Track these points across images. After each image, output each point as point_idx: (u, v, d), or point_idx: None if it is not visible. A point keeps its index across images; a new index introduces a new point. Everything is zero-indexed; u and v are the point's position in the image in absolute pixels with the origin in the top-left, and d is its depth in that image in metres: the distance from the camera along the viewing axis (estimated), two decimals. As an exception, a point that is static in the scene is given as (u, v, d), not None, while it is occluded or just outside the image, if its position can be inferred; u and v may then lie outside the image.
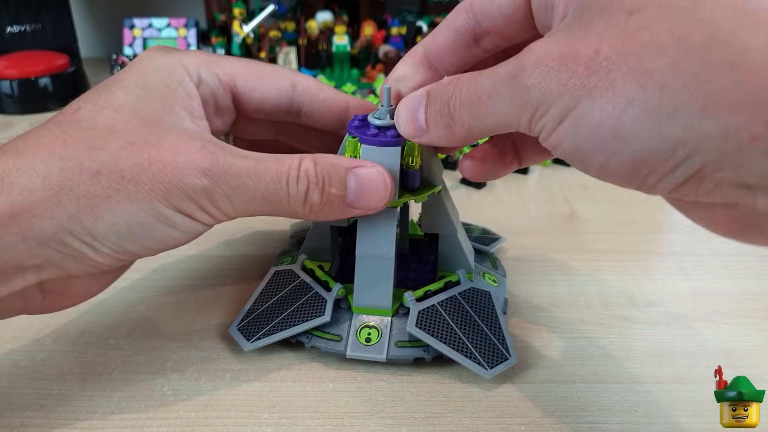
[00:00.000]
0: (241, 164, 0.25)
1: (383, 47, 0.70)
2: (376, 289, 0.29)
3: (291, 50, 0.70)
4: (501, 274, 0.35)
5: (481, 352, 0.28)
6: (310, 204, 0.26)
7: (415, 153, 0.27)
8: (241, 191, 0.25)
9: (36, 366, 0.29)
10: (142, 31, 0.71)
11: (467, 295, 0.30)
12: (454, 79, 0.23)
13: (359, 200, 0.27)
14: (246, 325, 0.30)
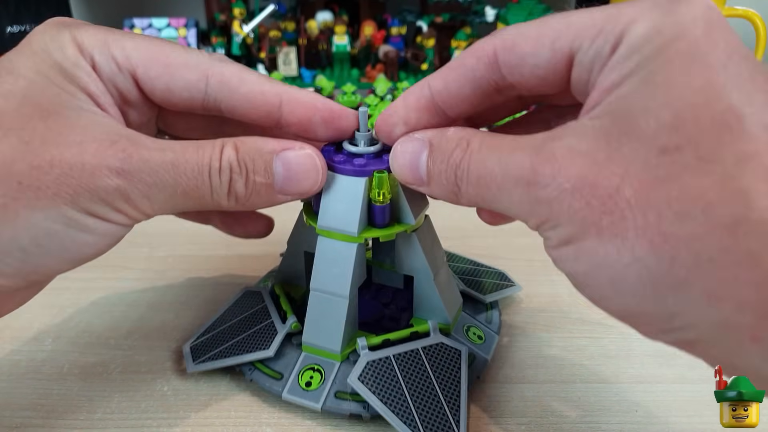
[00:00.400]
0: (158, 158, 0.22)
1: (383, 47, 0.70)
2: (327, 329, 0.27)
3: (291, 50, 0.70)
4: (493, 330, 0.30)
5: (425, 423, 0.24)
6: (235, 195, 0.24)
7: (385, 187, 0.24)
8: (160, 188, 0.22)
9: (36, 366, 0.29)
10: (142, 31, 0.71)
11: (432, 352, 0.27)
12: (462, 142, 0.21)
13: (288, 186, 0.24)
14: (200, 344, 0.29)
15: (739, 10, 0.55)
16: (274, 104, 0.25)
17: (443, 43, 0.72)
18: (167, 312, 0.33)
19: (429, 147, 0.22)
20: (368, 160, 0.25)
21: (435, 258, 0.28)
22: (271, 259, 0.38)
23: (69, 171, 0.21)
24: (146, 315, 0.33)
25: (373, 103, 0.54)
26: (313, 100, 0.26)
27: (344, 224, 0.25)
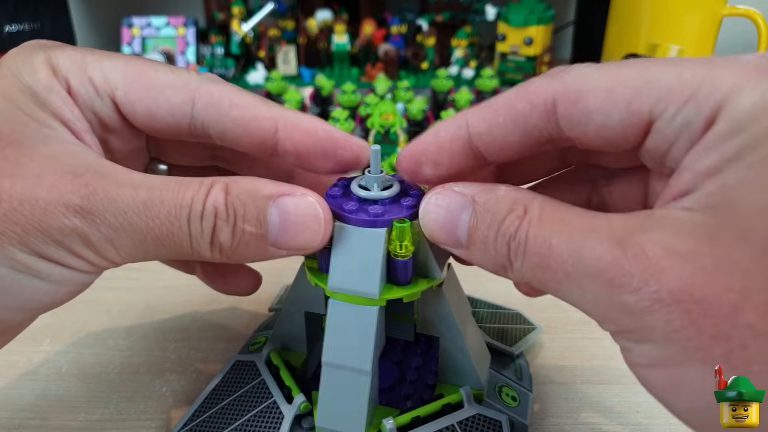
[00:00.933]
0: (128, 197, 0.19)
1: (383, 46, 0.69)
2: (346, 410, 0.22)
3: (290, 49, 0.70)
4: (525, 387, 0.26)
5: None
6: (219, 245, 0.20)
7: (407, 238, 0.20)
8: (128, 233, 0.19)
9: (34, 367, 0.29)
10: (141, 29, 0.70)
11: (470, 426, 0.23)
12: (518, 207, 0.18)
13: (283, 239, 0.20)
14: (200, 423, 0.24)
15: (740, 9, 0.55)
16: (270, 131, 0.22)
17: (443, 42, 0.72)
18: (166, 313, 0.33)
19: (472, 205, 0.19)
20: (386, 207, 0.21)
21: (462, 313, 0.24)
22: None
23: (18, 207, 0.18)
24: (144, 316, 0.33)
25: (372, 102, 0.54)
26: (313, 127, 0.22)
27: (361, 285, 0.21)
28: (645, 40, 0.55)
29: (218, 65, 0.69)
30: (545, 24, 0.66)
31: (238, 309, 0.33)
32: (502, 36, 0.67)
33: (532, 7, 0.66)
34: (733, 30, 0.64)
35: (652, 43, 0.55)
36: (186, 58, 0.69)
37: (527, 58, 0.67)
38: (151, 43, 0.70)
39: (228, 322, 0.32)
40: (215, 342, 0.31)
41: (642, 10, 0.55)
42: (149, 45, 0.70)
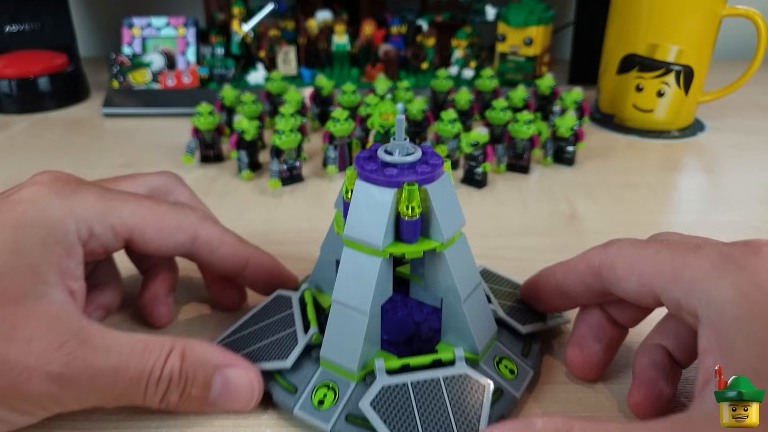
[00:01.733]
0: (101, 364, 0.22)
1: (383, 46, 0.69)
2: (346, 346, 0.25)
3: (290, 49, 0.70)
4: (528, 364, 0.28)
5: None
6: (166, 402, 0.24)
7: (414, 201, 0.23)
8: (93, 393, 0.23)
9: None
10: (141, 30, 0.70)
11: (454, 383, 0.25)
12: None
13: (221, 402, 0.25)
14: (227, 343, 0.28)
15: (740, 9, 0.55)
16: (241, 265, 0.30)
17: (443, 42, 0.72)
18: (166, 312, 0.33)
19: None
20: (400, 171, 0.24)
21: (467, 280, 0.26)
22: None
23: (9, 371, 0.21)
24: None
25: (372, 102, 0.54)
26: (272, 266, 0.32)
27: (369, 236, 0.24)
28: (644, 41, 0.55)
29: (218, 65, 0.69)
30: (545, 24, 0.66)
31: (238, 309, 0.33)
32: (501, 36, 0.67)
33: (531, 7, 0.66)
34: (733, 30, 0.64)
35: (652, 43, 0.55)
36: (186, 59, 0.69)
37: (527, 59, 0.67)
38: (152, 43, 0.70)
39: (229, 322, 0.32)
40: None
41: (642, 10, 0.55)
42: (149, 45, 0.70)
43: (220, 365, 0.25)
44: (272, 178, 0.47)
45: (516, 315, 0.30)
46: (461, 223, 0.26)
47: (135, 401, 0.23)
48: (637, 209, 0.45)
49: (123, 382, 0.23)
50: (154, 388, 0.23)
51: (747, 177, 0.50)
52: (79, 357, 0.22)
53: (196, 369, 0.24)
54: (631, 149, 0.56)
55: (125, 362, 0.23)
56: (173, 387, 0.24)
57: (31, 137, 0.60)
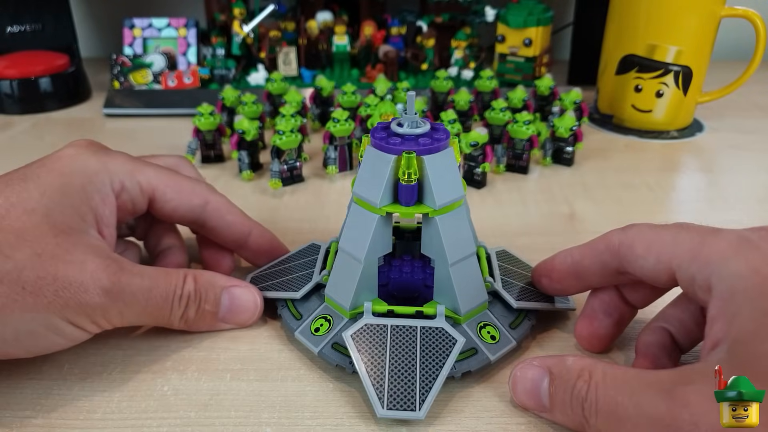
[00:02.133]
0: (138, 284, 0.27)
1: (383, 47, 0.70)
2: (343, 286, 0.29)
3: (291, 50, 0.70)
4: (512, 336, 0.29)
5: (391, 390, 0.25)
6: (185, 318, 0.29)
7: (412, 168, 0.26)
8: (134, 308, 0.27)
9: (36, 366, 0.29)
10: (142, 31, 0.70)
11: (430, 334, 0.27)
12: (584, 373, 0.23)
13: (230, 317, 0.31)
14: (260, 275, 0.33)
15: (738, 9, 0.55)
16: (245, 233, 0.34)
17: (443, 43, 0.72)
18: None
19: (549, 375, 0.24)
20: (404, 141, 0.27)
21: (458, 247, 0.28)
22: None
23: (68, 285, 0.25)
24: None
25: (372, 103, 0.54)
26: (272, 239, 0.35)
27: (370, 195, 0.27)
28: (643, 41, 0.55)
29: (219, 66, 0.69)
30: (544, 25, 0.66)
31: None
32: (501, 37, 0.67)
33: (531, 8, 0.66)
34: (732, 31, 0.65)
35: (651, 43, 0.55)
36: (187, 59, 0.69)
37: (526, 59, 0.67)
38: (153, 44, 0.70)
39: (229, 321, 0.32)
40: (217, 341, 0.31)
41: (640, 11, 0.55)
42: (150, 46, 0.70)
43: (226, 285, 0.30)
44: (273, 179, 0.48)
45: (515, 291, 0.31)
46: (457, 195, 0.28)
47: (163, 318, 0.28)
48: (635, 209, 0.45)
49: (155, 299, 0.27)
50: (178, 303, 0.28)
51: (746, 177, 0.50)
52: (121, 277, 0.26)
53: (207, 288, 0.29)
54: (629, 149, 0.56)
55: (155, 283, 0.28)
56: (191, 303, 0.29)
57: (32, 137, 0.60)
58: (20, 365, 0.29)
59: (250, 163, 0.50)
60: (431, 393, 0.25)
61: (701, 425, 0.19)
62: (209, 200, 0.33)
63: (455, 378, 0.27)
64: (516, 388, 0.26)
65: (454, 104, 0.57)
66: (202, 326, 0.30)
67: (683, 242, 0.24)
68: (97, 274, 0.26)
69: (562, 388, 0.23)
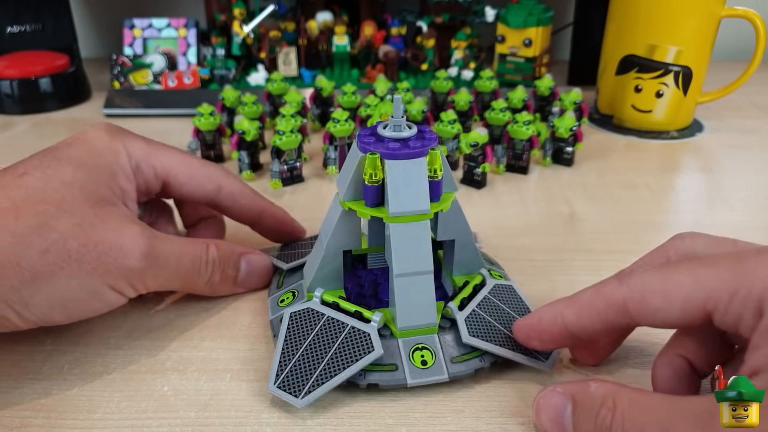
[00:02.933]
0: (170, 249, 0.29)
1: (383, 47, 0.70)
2: (420, 307, 0.28)
3: (291, 50, 0.70)
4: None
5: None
6: (211, 282, 0.32)
7: (438, 162, 0.27)
8: (167, 272, 0.29)
9: (36, 366, 0.29)
10: (142, 31, 0.71)
11: (496, 293, 0.31)
12: (608, 401, 0.22)
13: (247, 281, 0.34)
14: (286, 379, 0.26)
15: (738, 10, 0.55)
16: (258, 213, 0.36)
17: (443, 44, 0.72)
18: (167, 312, 0.33)
19: (572, 402, 0.23)
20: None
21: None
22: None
23: (108, 251, 0.27)
24: (146, 314, 0.33)
25: (372, 103, 0.54)
26: (283, 217, 0.37)
27: (418, 205, 0.27)
28: (643, 41, 0.55)
29: (219, 66, 0.69)
30: (544, 25, 0.66)
31: (239, 308, 0.34)
32: (501, 37, 0.67)
33: (531, 8, 0.66)
34: (732, 31, 0.65)
35: (651, 44, 0.55)
36: (187, 59, 0.69)
37: (526, 60, 0.67)
38: (153, 44, 0.70)
39: (229, 321, 0.32)
40: (217, 341, 0.31)
41: (640, 11, 0.55)
42: (150, 46, 0.70)
43: (243, 252, 0.33)
44: (273, 179, 0.48)
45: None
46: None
47: (191, 281, 0.31)
48: (635, 209, 0.45)
49: (185, 263, 0.30)
50: (205, 268, 0.31)
51: (745, 177, 0.51)
52: (156, 243, 0.28)
53: (228, 255, 0.32)
54: (629, 150, 0.56)
55: (184, 249, 0.30)
56: (216, 268, 0.31)
57: (32, 137, 0.60)
58: (20, 365, 0.29)
59: (250, 164, 0.50)
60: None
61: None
62: (222, 185, 0.34)
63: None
64: (540, 416, 0.24)
65: (454, 104, 0.57)
66: (224, 290, 0.33)
67: (710, 280, 0.22)
68: (135, 239, 0.27)
69: (585, 416, 0.22)
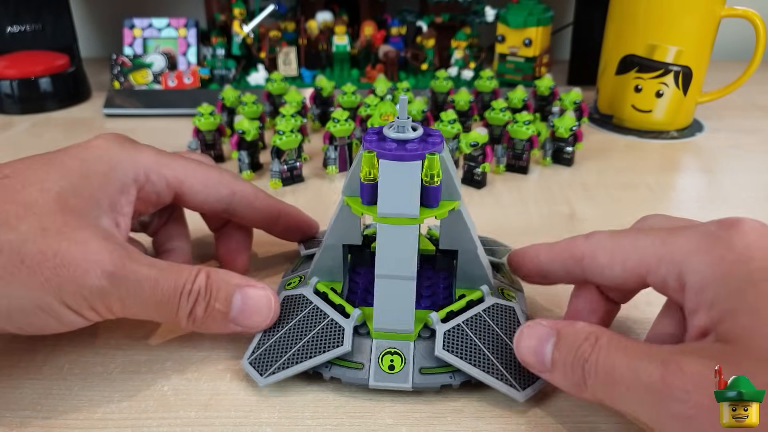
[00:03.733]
0: (145, 272, 0.26)
1: (383, 47, 0.70)
2: (397, 311, 0.27)
3: (291, 50, 0.70)
4: (517, 288, 0.32)
5: (512, 373, 0.26)
6: (194, 317, 0.27)
7: (436, 168, 0.26)
8: (137, 297, 0.25)
9: (36, 366, 0.29)
10: (142, 31, 0.71)
11: (492, 312, 0.29)
12: (591, 337, 0.23)
13: (241, 318, 0.28)
14: (259, 357, 0.28)
15: (738, 10, 0.55)
16: (275, 215, 0.35)
17: (443, 43, 0.72)
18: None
19: (557, 335, 0.24)
20: (419, 144, 0.26)
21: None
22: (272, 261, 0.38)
23: (67, 263, 0.24)
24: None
25: (372, 103, 0.54)
26: (298, 215, 0.36)
27: (406, 209, 0.26)
28: (643, 41, 0.55)
29: (219, 66, 0.69)
30: (544, 25, 0.66)
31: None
32: (501, 37, 0.67)
33: (531, 8, 0.66)
34: (732, 31, 0.65)
35: (651, 44, 0.55)
36: (187, 59, 0.69)
37: (526, 60, 0.67)
38: (153, 44, 0.70)
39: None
40: (217, 341, 0.31)
41: (640, 11, 0.55)
42: (150, 46, 0.70)
43: (240, 284, 0.28)
44: (273, 179, 0.48)
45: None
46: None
47: (169, 313, 0.26)
48: (635, 209, 0.45)
49: (162, 291, 0.26)
50: (186, 300, 0.26)
51: (745, 177, 0.50)
52: (126, 263, 0.25)
53: (219, 286, 0.27)
54: (629, 150, 0.56)
55: (164, 275, 0.26)
56: (200, 300, 0.27)
57: (32, 137, 0.60)
58: (20, 365, 0.29)
59: (250, 163, 0.50)
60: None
61: (693, 393, 0.19)
62: (235, 190, 0.33)
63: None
64: (520, 344, 0.26)
65: (454, 104, 0.57)
66: (212, 327, 0.28)
67: (645, 247, 0.25)
68: (100, 256, 0.25)
69: (567, 349, 0.24)
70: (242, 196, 0.33)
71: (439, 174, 0.26)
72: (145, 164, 0.30)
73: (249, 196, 0.34)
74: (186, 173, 0.32)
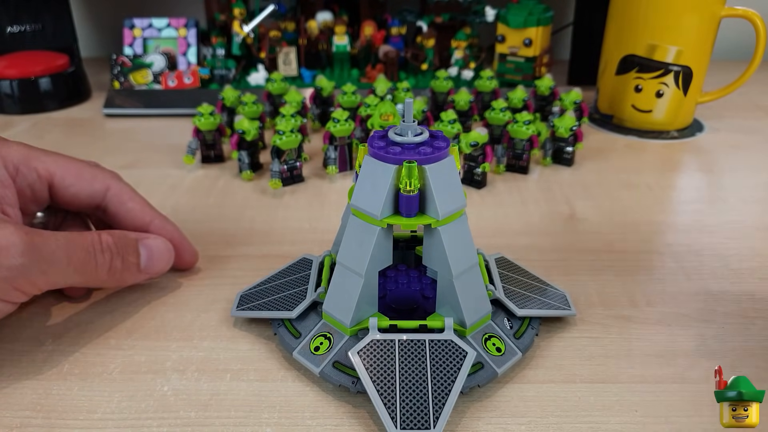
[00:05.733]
0: (54, 242, 0.27)
1: (383, 47, 0.70)
2: (342, 302, 0.28)
3: (291, 50, 0.70)
4: (518, 347, 0.29)
5: (404, 409, 0.24)
6: (113, 270, 0.30)
7: (414, 177, 0.25)
8: (59, 266, 0.27)
9: (36, 366, 0.29)
10: (142, 31, 0.71)
11: (438, 347, 0.27)
12: None
13: (150, 266, 0.32)
14: (249, 293, 0.32)
15: (738, 10, 0.55)
16: (145, 222, 0.34)
17: (443, 43, 0.72)
18: (167, 312, 0.33)
19: None
20: (404, 150, 0.26)
21: (461, 258, 0.27)
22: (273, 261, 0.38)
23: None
24: (146, 315, 0.33)
25: (372, 103, 0.54)
26: (174, 233, 0.35)
27: (370, 206, 0.26)
28: (643, 41, 0.55)
29: (219, 66, 0.69)
30: (544, 25, 0.66)
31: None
32: (501, 37, 0.67)
33: (531, 8, 0.66)
34: (732, 31, 0.65)
35: (651, 44, 0.55)
36: (187, 59, 0.69)
37: (526, 60, 0.67)
38: (153, 44, 0.70)
39: (229, 321, 0.32)
40: (217, 341, 0.31)
41: (640, 11, 0.55)
42: (150, 46, 0.70)
43: (139, 237, 0.32)
44: (273, 179, 0.48)
45: (517, 299, 0.31)
46: (460, 204, 0.27)
47: (90, 272, 0.29)
48: (635, 209, 0.45)
49: (77, 252, 0.28)
50: (102, 256, 0.29)
51: (746, 177, 0.50)
52: (35, 238, 0.26)
53: (124, 241, 0.30)
54: (629, 150, 0.56)
55: (73, 240, 0.28)
56: (115, 254, 0.30)
57: (32, 137, 0.60)
58: (20, 365, 0.29)
59: (250, 163, 0.50)
60: (445, 409, 0.25)
61: None
62: (110, 186, 0.33)
63: (463, 393, 0.26)
64: None
65: (454, 104, 0.57)
66: (128, 279, 0.31)
67: None
68: (12, 238, 0.26)
69: None
70: (115, 194, 0.33)
71: (415, 185, 0.25)
72: (12, 158, 0.30)
73: (123, 195, 0.34)
74: (57, 165, 0.32)
